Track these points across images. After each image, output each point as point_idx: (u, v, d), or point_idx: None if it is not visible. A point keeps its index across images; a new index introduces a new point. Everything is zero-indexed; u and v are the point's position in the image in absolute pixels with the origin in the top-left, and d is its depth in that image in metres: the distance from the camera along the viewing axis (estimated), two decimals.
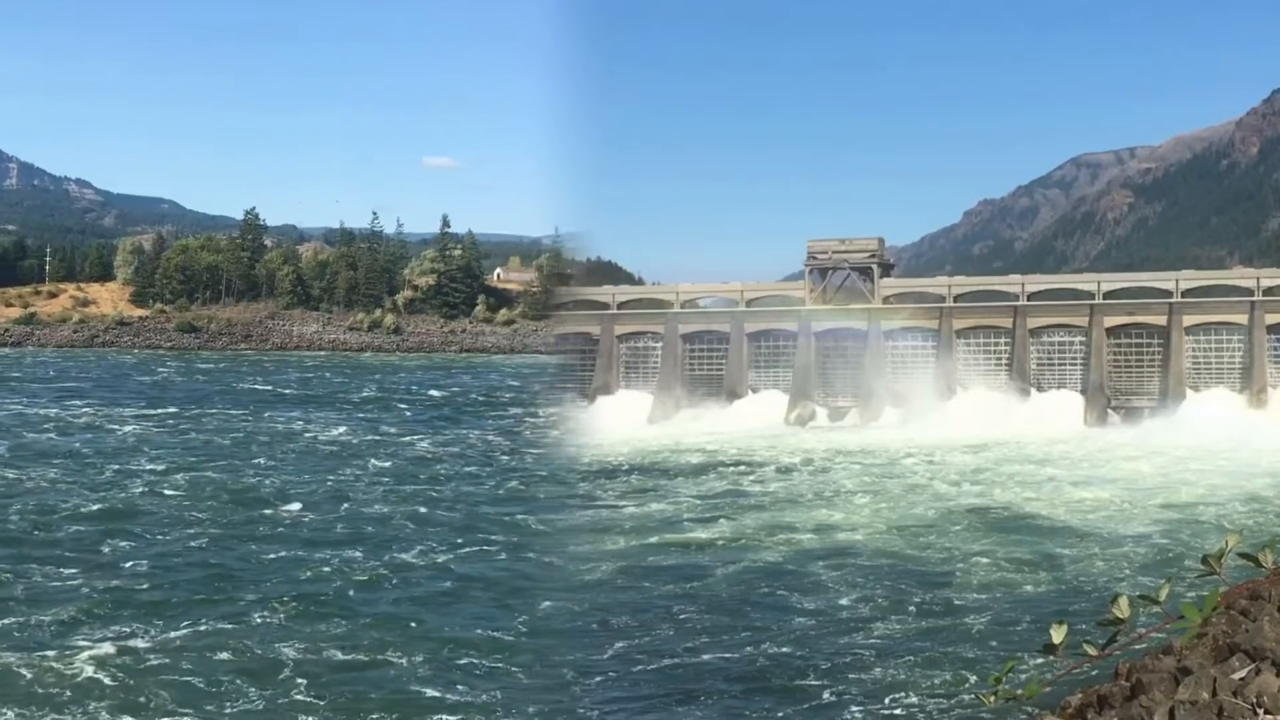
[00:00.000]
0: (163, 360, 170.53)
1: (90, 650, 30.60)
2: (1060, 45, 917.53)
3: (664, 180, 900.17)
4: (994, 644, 31.72)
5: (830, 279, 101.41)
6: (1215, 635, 10.35)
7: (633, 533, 48.43)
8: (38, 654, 30.17)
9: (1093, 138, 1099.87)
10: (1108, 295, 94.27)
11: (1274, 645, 9.33)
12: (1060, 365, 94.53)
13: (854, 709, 27.13)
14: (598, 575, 40.70)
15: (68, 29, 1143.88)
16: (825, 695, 28.08)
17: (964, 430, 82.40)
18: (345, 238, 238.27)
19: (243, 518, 50.00)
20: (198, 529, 47.32)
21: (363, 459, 70.13)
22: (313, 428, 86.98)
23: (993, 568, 41.48)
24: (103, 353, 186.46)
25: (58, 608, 34.70)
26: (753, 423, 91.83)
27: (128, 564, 41.01)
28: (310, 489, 57.92)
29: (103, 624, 33.26)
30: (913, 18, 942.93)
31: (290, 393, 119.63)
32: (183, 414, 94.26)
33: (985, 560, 42.60)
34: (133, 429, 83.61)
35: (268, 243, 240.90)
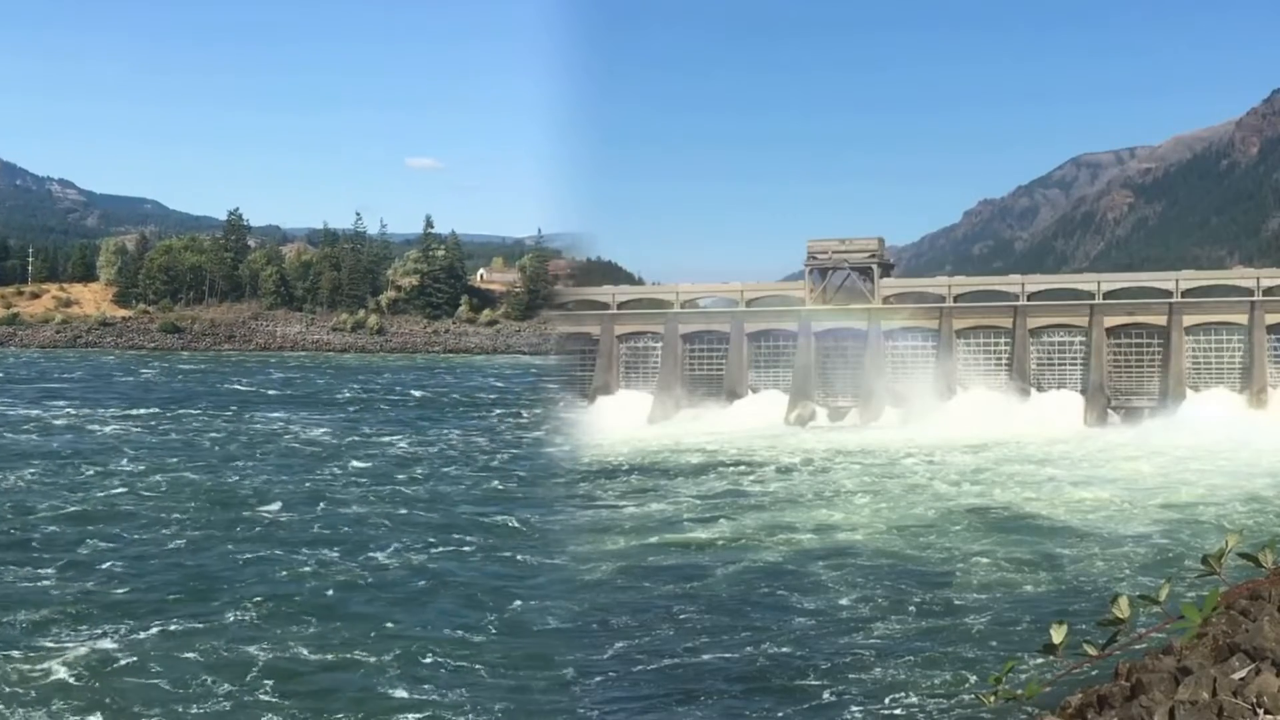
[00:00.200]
0: (145, 361, 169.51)
1: (59, 651, 30.49)
2: (1060, 45, 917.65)
3: (664, 180, 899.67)
4: (994, 644, 31.72)
5: (830, 279, 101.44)
6: (1215, 635, 10.35)
7: (633, 533, 48.43)
8: (3, 653, 30.07)
9: (1093, 138, 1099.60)
10: (1108, 295, 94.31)
11: (1274, 645, 9.33)
12: (1060, 365, 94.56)
13: (854, 709, 27.13)
14: (598, 575, 40.69)
15: (50, 28, 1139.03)
16: (825, 695, 28.09)
17: (964, 430, 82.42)
18: (329, 238, 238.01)
19: (221, 518, 49.75)
20: (175, 529, 47.13)
21: (343, 459, 69.79)
22: (294, 428, 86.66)
23: (993, 568, 41.49)
24: (85, 353, 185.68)
25: (29, 608, 34.53)
26: (753, 423, 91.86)
27: (104, 565, 40.79)
28: (290, 489, 57.63)
29: (74, 625, 33.13)
30: (913, 18, 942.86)
31: (273, 393, 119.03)
32: (164, 415, 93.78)
33: (985, 560, 42.60)
34: (114, 429, 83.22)
35: (251, 243, 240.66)
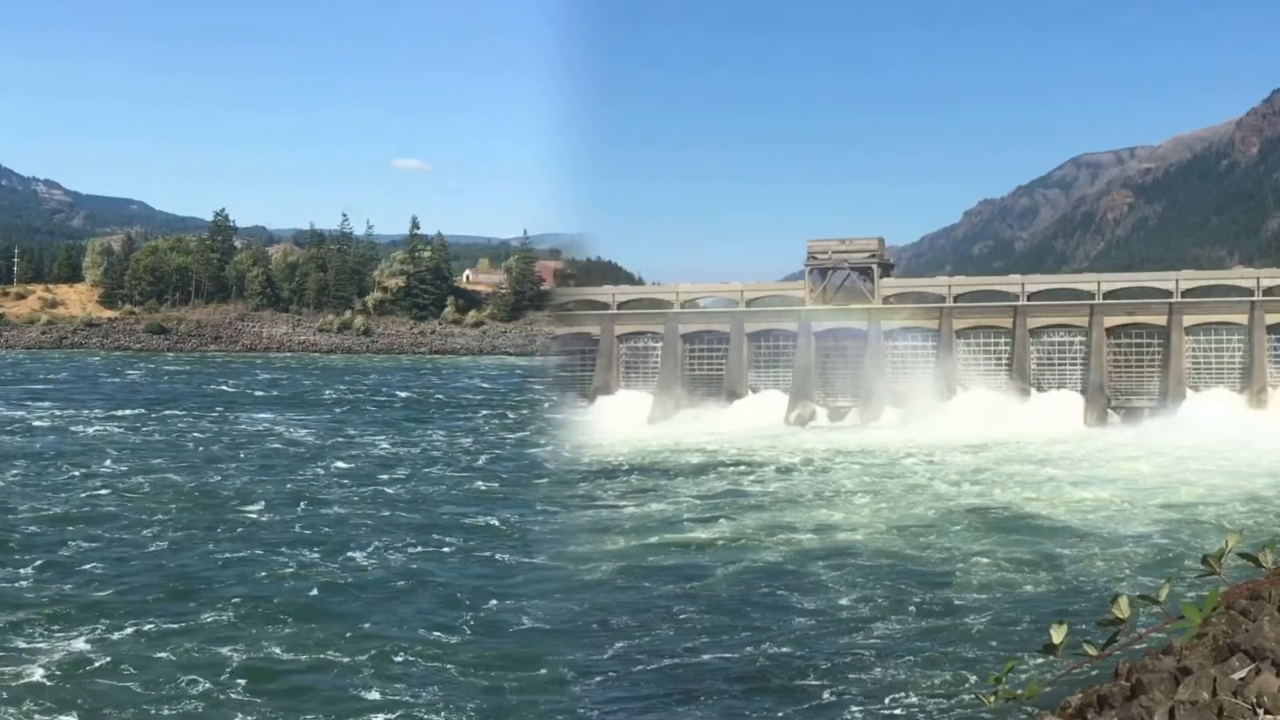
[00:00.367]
0: (131, 362, 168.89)
1: (34, 652, 30.41)
2: (1060, 45, 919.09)
3: (664, 180, 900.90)
4: (994, 644, 31.72)
5: (830, 279, 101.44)
6: (1215, 635, 10.35)
7: (633, 533, 48.43)
8: None
9: (1093, 138, 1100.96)
10: (1108, 295, 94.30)
11: (1274, 645, 9.33)
12: (1060, 365, 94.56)
13: (854, 709, 27.13)
14: (598, 575, 40.68)
15: (37, 28, 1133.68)
16: (825, 695, 28.08)
17: (964, 430, 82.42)
18: (315, 239, 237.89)
19: (203, 519, 49.61)
20: (156, 530, 47.03)
21: (327, 460, 69.58)
22: (279, 429, 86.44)
23: (993, 568, 41.48)
24: (71, 354, 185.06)
25: (6, 610, 34.37)
26: (753, 423, 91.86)
27: (83, 566, 40.63)
28: (272, 490, 57.45)
29: (50, 626, 33.02)
30: (913, 18, 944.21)
31: (259, 394, 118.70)
32: (149, 416, 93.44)
33: (985, 560, 42.60)
34: (97, 430, 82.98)
35: (237, 244, 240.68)
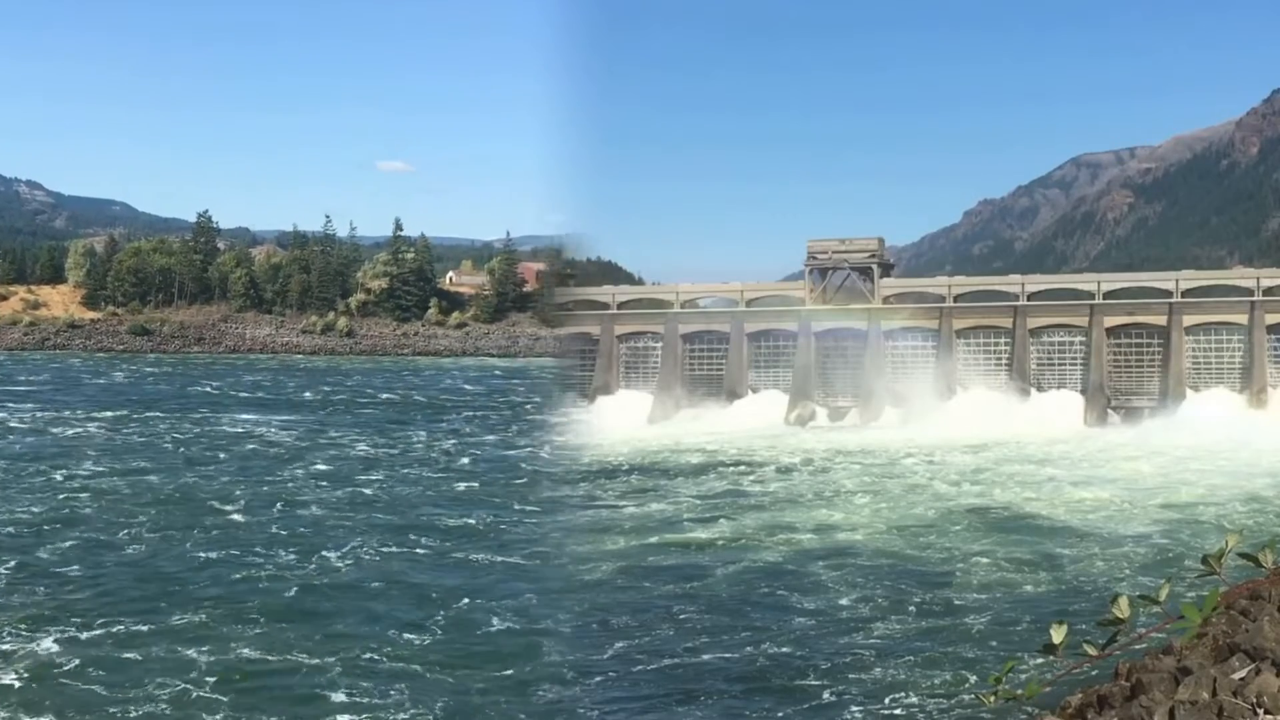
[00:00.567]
0: (114, 363, 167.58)
1: (2, 654, 30.36)
2: (1060, 45, 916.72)
3: (664, 180, 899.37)
4: (994, 644, 31.73)
5: (830, 279, 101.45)
6: (1215, 635, 10.35)
7: (633, 533, 48.45)
8: None
9: (1093, 138, 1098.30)
10: (1108, 295, 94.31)
11: (1274, 645, 9.33)
12: (1060, 365, 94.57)
13: (854, 709, 27.14)
14: (598, 575, 40.71)
15: (14, 28, 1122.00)
16: (825, 695, 28.09)
17: (964, 430, 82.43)
18: (298, 241, 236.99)
19: (180, 520, 49.51)
20: (133, 532, 46.99)
21: (306, 462, 69.35)
22: (260, 430, 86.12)
23: (993, 568, 41.50)
24: (53, 355, 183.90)
25: None
26: (753, 423, 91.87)
27: (58, 568, 40.56)
28: (251, 492, 57.31)
29: (20, 627, 32.95)
30: (913, 18, 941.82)
31: (243, 395, 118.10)
32: (130, 417, 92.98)
33: (985, 560, 42.62)
34: (78, 432, 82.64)
35: (220, 245, 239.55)
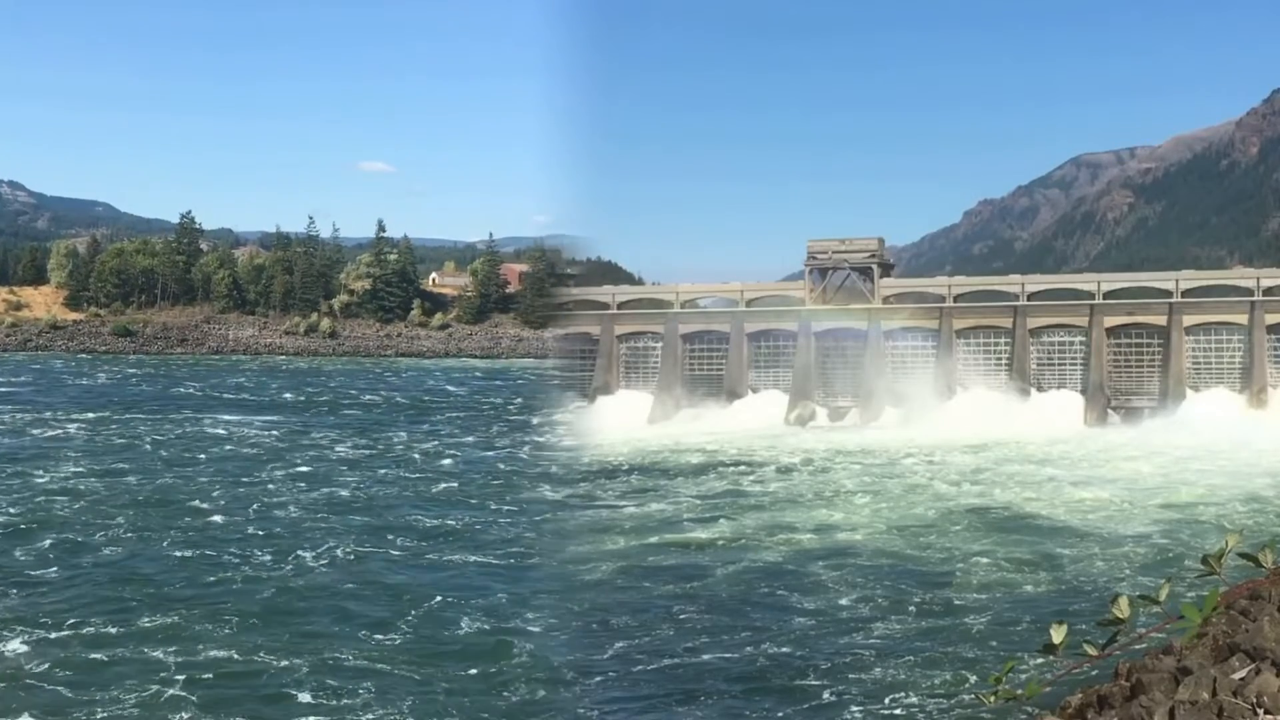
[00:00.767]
0: (97, 364, 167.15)
1: None
2: (1060, 45, 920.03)
3: (664, 180, 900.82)
4: (994, 644, 31.73)
5: (830, 279, 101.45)
6: (1215, 635, 10.35)
7: (633, 533, 48.46)
8: None
9: (1093, 138, 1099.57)
10: (1108, 295, 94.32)
11: (1274, 645, 9.32)
12: (1060, 365, 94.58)
13: (854, 709, 27.14)
14: (598, 575, 40.71)
15: None
16: (825, 695, 28.09)
17: (964, 430, 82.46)
18: (281, 242, 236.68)
19: (157, 522, 49.42)
20: (110, 533, 46.92)
21: (286, 463, 69.18)
22: (242, 431, 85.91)
23: (993, 568, 41.50)
24: (35, 356, 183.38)
25: None
26: (753, 423, 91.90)
27: (32, 571, 40.45)
28: (229, 493, 57.25)
29: None
30: (913, 18, 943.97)
31: (224, 397, 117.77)
32: (111, 418, 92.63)
33: (985, 560, 42.62)
34: (58, 433, 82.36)
35: (204, 246, 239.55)
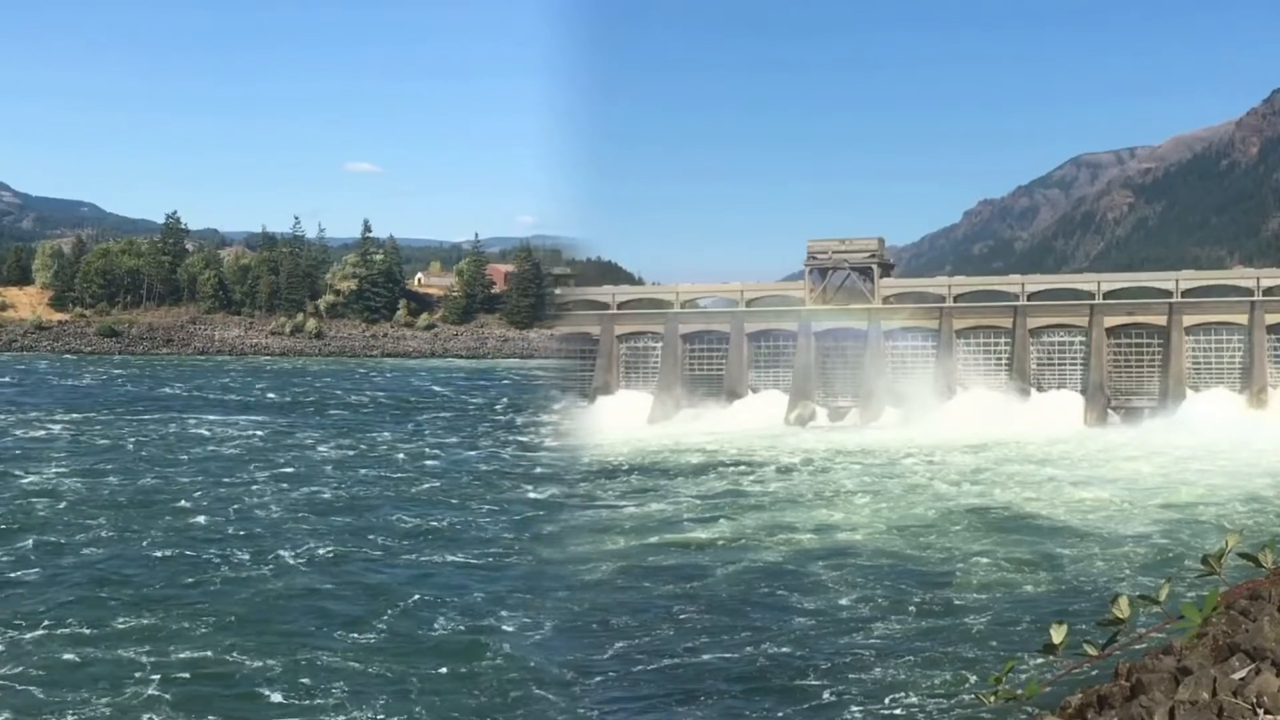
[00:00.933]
0: (82, 365, 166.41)
1: None
2: (1060, 45, 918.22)
3: (664, 180, 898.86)
4: (994, 644, 31.74)
5: (830, 279, 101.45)
6: (1215, 635, 10.35)
7: (633, 533, 48.48)
8: None
9: (1093, 138, 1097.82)
10: (1108, 295, 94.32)
11: (1274, 645, 9.32)
12: (1060, 365, 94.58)
13: (854, 709, 27.14)
14: (598, 575, 40.73)
15: None
16: (825, 695, 28.10)
17: (964, 430, 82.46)
18: (267, 242, 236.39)
19: (139, 522, 49.41)
20: (91, 534, 46.93)
21: (269, 463, 69.13)
22: (225, 431, 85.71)
23: (993, 568, 41.51)
24: (20, 357, 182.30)
25: None
26: (753, 423, 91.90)
27: (13, 571, 40.43)
28: (211, 493, 57.23)
29: None
30: (913, 18, 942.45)
31: (210, 397, 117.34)
32: (96, 419, 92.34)
33: (985, 560, 42.63)
34: (42, 434, 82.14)
35: (189, 246, 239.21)
